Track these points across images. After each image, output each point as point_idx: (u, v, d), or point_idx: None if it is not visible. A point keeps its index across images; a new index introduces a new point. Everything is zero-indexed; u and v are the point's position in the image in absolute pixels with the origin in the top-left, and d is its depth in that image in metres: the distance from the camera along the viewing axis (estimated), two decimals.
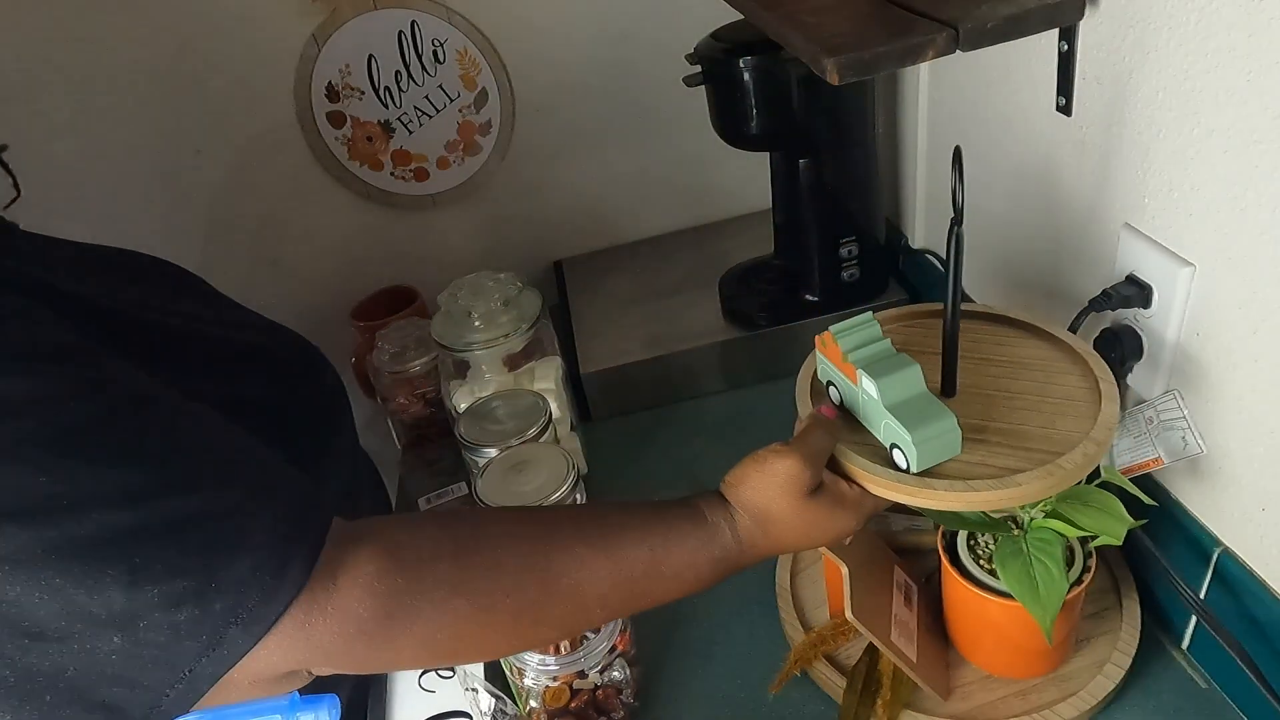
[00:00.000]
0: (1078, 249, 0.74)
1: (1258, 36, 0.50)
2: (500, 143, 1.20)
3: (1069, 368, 0.64)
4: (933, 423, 0.57)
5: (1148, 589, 0.72)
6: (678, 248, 1.26)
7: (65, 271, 0.59)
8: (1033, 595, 0.59)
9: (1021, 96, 0.77)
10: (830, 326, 0.63)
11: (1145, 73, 0.60)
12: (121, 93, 1.08)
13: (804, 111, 0.92)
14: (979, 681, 0.69)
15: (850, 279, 1.03)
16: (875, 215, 1.03)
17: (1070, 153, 0.72)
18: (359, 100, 1.14)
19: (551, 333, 0.97)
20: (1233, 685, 0.65)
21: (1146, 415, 0.65)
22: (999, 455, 0.58)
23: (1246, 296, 0.56)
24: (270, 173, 1.17)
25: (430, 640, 0.49)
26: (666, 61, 1.00)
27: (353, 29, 1.09)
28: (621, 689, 0.71)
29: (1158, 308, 0.64)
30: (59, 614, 0.42)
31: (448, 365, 0.94)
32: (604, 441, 1.03)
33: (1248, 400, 0.59)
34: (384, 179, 1.20)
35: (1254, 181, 0.53)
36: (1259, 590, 0.60)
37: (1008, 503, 0.56)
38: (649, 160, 1.25)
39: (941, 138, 0.97)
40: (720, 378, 1.07)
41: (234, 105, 1.12)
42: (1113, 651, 0.68)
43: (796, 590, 0.79)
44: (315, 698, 0.43)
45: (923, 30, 0.61)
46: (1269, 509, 0.59)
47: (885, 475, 0.58)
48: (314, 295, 1.25)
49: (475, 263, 1.16)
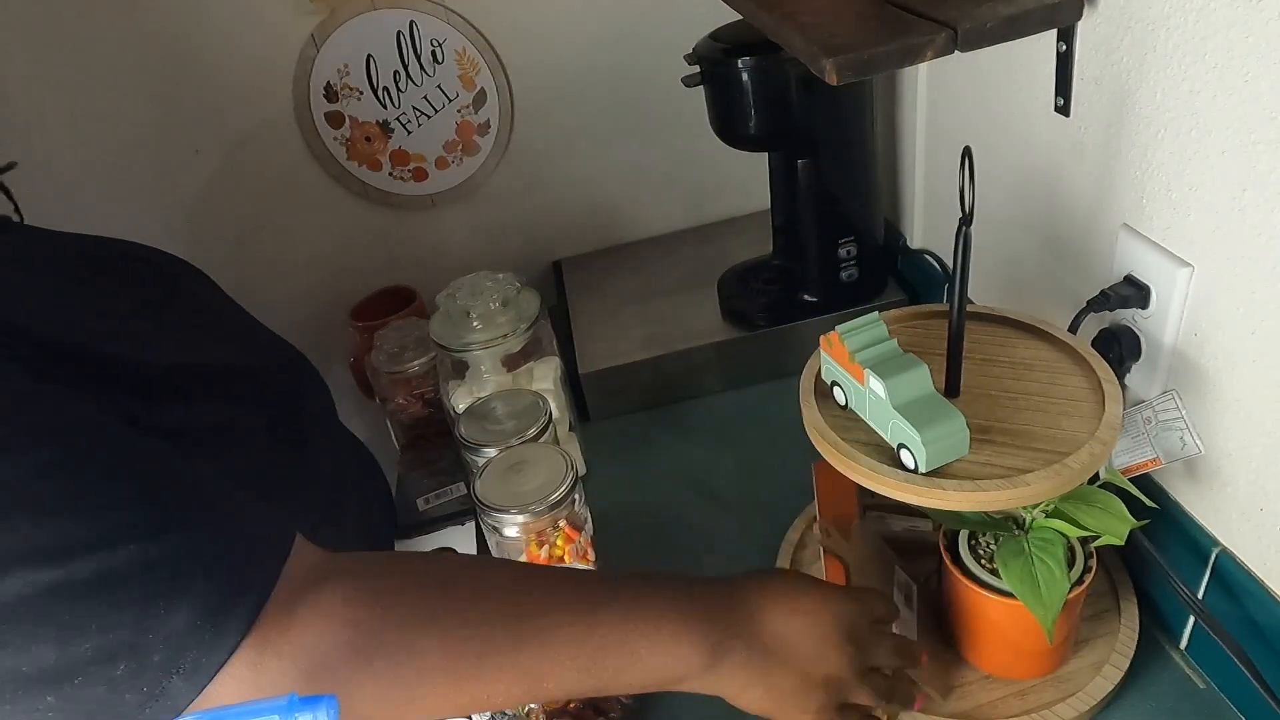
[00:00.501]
0: (1076, 249, 0.74)
1: (1256, 37, 0.50)
2: (499, 143, 1.20)
3: (1071, 368, 0.64)
4: (941, 423, 0.57)
5: (1146, 590, 0.72)
6: (677, 248, 1.26)
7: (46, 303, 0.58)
8: (1034, 594, 0.59)
9: (1020, 97, 0.77)
10: (836, 326, 0.63)
11: (1144, 73, 0.60)
12: (120, 93, 1.08)
13: (803, 112, 0.92)
14: (978, 681, 0.69)
15: (849, 279, 1.03)
16: (874, 215, 1.03)
17: (1068, 153, 0.72)
18: (357, 100, 1.13)
19: (550, 333, 0.97)
20: (1231, 685, 0.65)
21: (1144, 416, 0.65)
22: (1005, 455, 0.58)
23: (1245, 297, 0.57)
24: (269, 173, 1.17)
25: (393, 681, 0.48)
26: (665, 62, 1.01)
27: (351, 29, 1.09)
28: None
29: (1156, 308, 0.64)
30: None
31: (446, 365, 0.94)
32: (602, 441, 1.03)
33: (1246, 401, 0.59)
34: (383, 179, 1.19)
35: (1252, 182, 0.53)
36: (1257, 590, 0.60)
37: (1015, 503, 0.56)
38: (648, 160, 1.25)
39: (940, 138, 0.97)
40: (719, 378, 1.07)
41: (232, 105, 1.12)
42: (1111, 652, 0.68)
43: None
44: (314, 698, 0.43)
45: (921, 31, 0.61)
46: (1267, 509, 0.59)
47: (893, 475, 0.58)
48: (312, 295, 1.25)
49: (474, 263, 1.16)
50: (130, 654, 0.43)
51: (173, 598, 0.44)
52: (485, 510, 0.72)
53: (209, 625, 0.44)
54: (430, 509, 0.97)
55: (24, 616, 0.41)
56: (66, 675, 0.42)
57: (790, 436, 0.71)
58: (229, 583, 0.46)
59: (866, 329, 0.62)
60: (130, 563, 0.44)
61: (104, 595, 0.43)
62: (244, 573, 0.47)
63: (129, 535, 0.45)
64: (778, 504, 0.87)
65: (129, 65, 1.07)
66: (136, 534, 0.45)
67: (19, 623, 0.41)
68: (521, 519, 0.71)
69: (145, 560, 0.44)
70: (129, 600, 0.43)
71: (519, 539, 0.72)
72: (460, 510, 0.94)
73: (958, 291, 0.58)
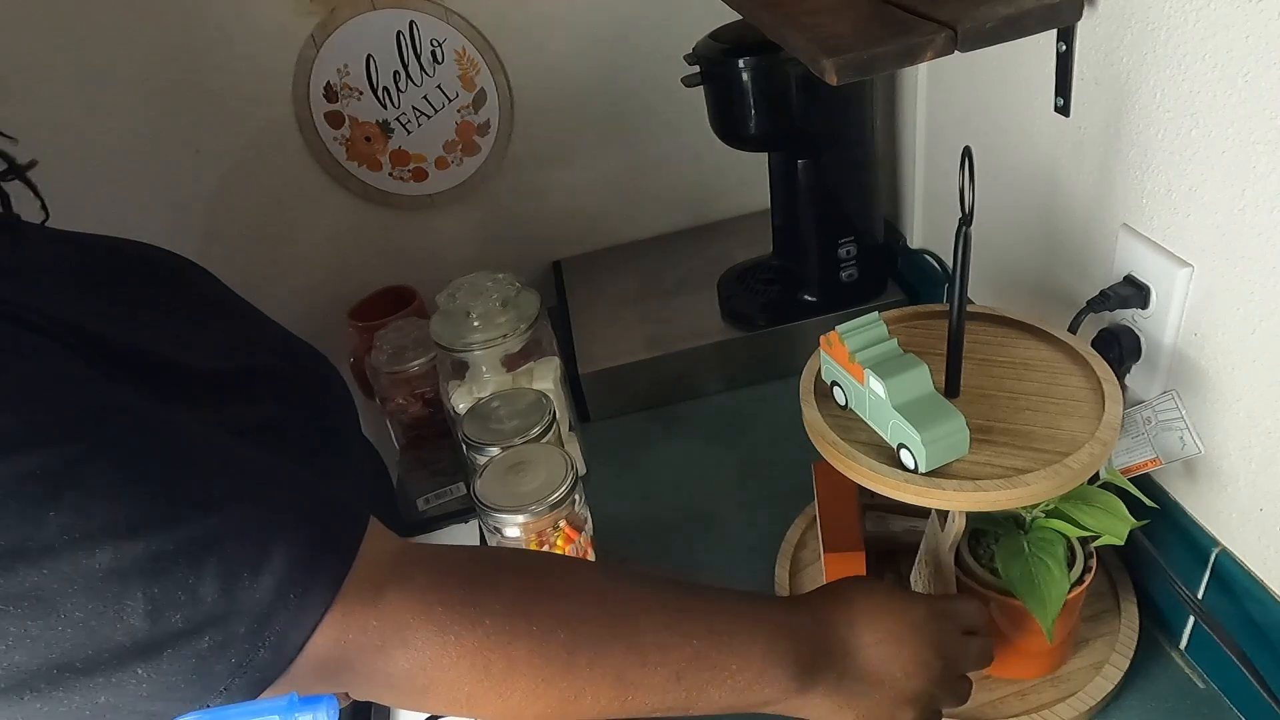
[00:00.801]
0: (1076, 250, 0.74)
1: (1255, 37, 0.50)
2: (499, 143, 1.20)
3: (1071, 368, 0.64)
4: (941, 423, 0.57)
5: (1145, 590, 0.72)
6: (677, 248, 1.26)
7: (61, 295, 0.58)
8: (1034, 594, 0.59)
9: (1020, 97, 0.77)
10: (836, 326, 0.63)
11: (1143, 73, 0.60)
12: (120, 93, 1.08)
13: (803, 112, 0.92)
14: (978, 681, 0.68)
15: (849, 279, 1.03)
16: (874, 215, 1.03)
17: (1068, 153, 0.72)
18: (357, 100, 1.13)
19: (550, 333, 0.97)
20: (1231, 685, 0.65)
21: (1144, 416, 0.65)
22: (1005, 455, 0.58)
23: (1244, 297, 0.57)
24: (268, 173, 1.17)
25: (481, 666, 0.46)
26: (665, 62, 1.01)
27: (351, 29, 1.09)
28: None
29: (1156, 308, 0.64)
30: (83, 645, 0.42)
31: (446, 365, 0.94)
32: (602, 442, 1.03)
33: (1246, 401, 0.59)
34: (382, 179, 1.19)
35: (1252, 182, 0.53)
36: (1257, 590, 0.60)
37: (1015, 503, 0.56)
38: (648, 160, 1.25)
39: (940, 138, 0.97)
40: (719, 378, 1.07)
41: (232, 106, 1.12)
42: (1111, 652, 0.68)
43: (796, 589, 0.79)
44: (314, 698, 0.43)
45: (921, 31, 0.61)
46: (1267, 509, 0.59)
47: (893, 475, 0.58)
48: (312, 295, 1.25)
49: (474, 263, 1.16)
50: (217, 624, 0.43)
51: (258, 567, 0.44)
52: (485, 510, 0.72)
53: (293, 596, 0.44)
54: (430, 509, 0.97)
55: (116, 589, 0.42)
56: (158, 646, 0.42)
57: (790, 436, 0.71)
58: (311, 553, 0.45)
59: (866, 329, 0.62)
60: (212, 532, 0.44)
61: (190, 565, 0.43)
62: (325, 545, 0.46)
63: (209, 505, 0.45)
64: (778, 504, 0.87)
65: (128, 65, 1.06)
66: (216, 504, 0.45)
67: (112, 595, 0.42)
68: (522, 519, 0.71)
69: (226, 529, 0.44)
70: (214, 569, 0.43)
71: (519, 539, 0.72)
72: (460, 510, 0.94)
73: (958, 291, 0.58)
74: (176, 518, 0.44)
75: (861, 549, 0.72)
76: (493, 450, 0.80)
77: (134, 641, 0.42)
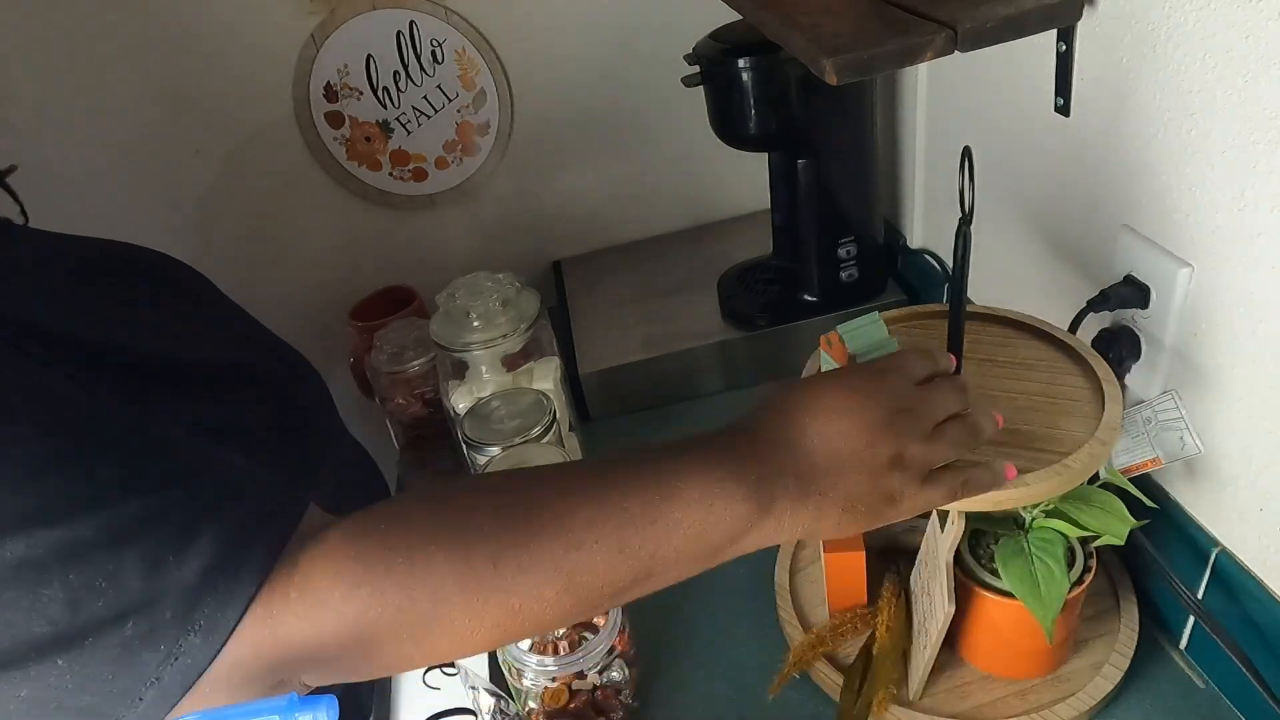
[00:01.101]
0: (1075, 249, 0.74)
1: (1255, 37, 0.50)
2: (499, 143, 1.20)
3: (1071, 368, 0.64)
4: None
5: (1145, 590, 0.72)
6: (677, 248, 1.26)
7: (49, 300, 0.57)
8: (1034, 594, 0.59)
9: (1020, 97, 0.77)
10: (836, 326, 0.63)
11: (1143, 73, 0.60)
12: (119, 93, 1.08)
13: (803, 112, 0.92)
14: (978, 681, 0.69)
15: (849, 279, 1.03)
16: (874, 215, 1.03)
17: (1068, 153, 0.72)
18: (357, 100, 1.13)
19: (550, 333, 0.97)
20: (1231, 685, 0.65)
21: (1144, 416, 0.65)
22: (1005, 455, 0.58)
23: (1244, 297, 0.57)
24: (268, 173, 1.17)
25: (408, 608, 0.44)
26: (665, 62, 1.01)
27: (351, 29, 1.09)
28: (620, 689, 0.71)
29: (1155, 308, 0.64)
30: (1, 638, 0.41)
31: (446, 366, 0.94)
32: (602, 442, 1.03)
33: (1246, 401, 0.59)
34: (382, 179, 1.20)
35: (1252, 182, 0.53)
36: (1257, 590, 0.60)
37: (1015, 502, 0.56)
38: (648, 160, 1.25)
39: (940, 138, 0.97)
40: (719, 378, 1.07)
41: (232, 106, 1.12)
42: (1111, 652, 0.68)
43: (796, 589, 0.79)
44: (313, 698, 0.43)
45: (921, 31, 0.61)
46: (1267, 509, 0.59)
47: None
48: (312, 295, 1.25)
49: (473, 263, 1.16)
50: (141, 610, 0.42)
51: (182, 550, 0.43)
52: None
53: (221, 579, 0.43)
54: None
55: (31, 578, 0.41)
56: (79, 636, 0.41)
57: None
58: (242, 535, 0.44)
59: (866, 329, 0.62)
60: (135, 517, 0.43)
61: (111, 550, 0.42)
62: (257, 528, 0.45)
63: (133, 490, 0.43)
64: None
65: (128, 66, 1.07)
66: (141, 488, 0.44)
67: (27, 584, 0.41)
68: None
69: (150, 513, 0.43)
70: (137, 554, 0.42)
71: None
72: None
73: (958, 290, 0.58)
74: (97, 503, 0.42)
75: (861, 549, 0.72)
76: (493, 450, 0.80)
77: (55, 632, 0.41)
